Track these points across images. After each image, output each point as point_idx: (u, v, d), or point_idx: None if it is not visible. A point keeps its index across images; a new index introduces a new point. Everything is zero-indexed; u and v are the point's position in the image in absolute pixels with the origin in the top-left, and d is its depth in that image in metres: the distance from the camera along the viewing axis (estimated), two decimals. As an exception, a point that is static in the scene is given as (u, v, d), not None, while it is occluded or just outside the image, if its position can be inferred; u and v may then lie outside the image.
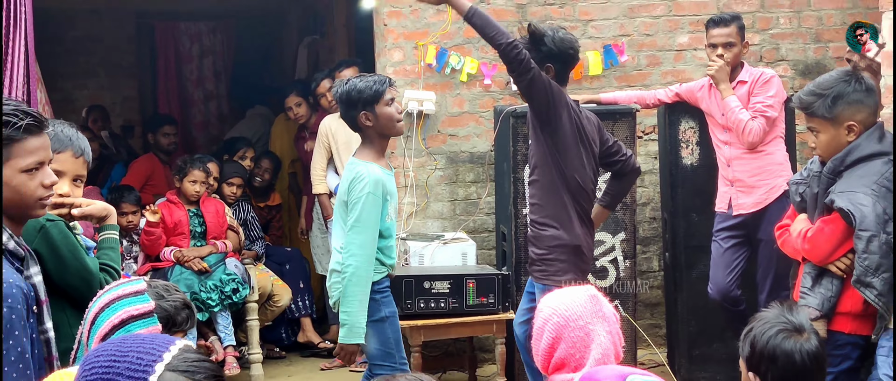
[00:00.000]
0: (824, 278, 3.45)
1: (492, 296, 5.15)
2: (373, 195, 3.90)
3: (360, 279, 3.89)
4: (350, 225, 3.93)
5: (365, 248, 3.90)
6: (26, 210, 2.49)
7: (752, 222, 5.06)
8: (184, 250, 5.96)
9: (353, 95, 4.00)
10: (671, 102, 5.43)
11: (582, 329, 2.48)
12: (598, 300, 2.54)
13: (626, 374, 2.16)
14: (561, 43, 4.17)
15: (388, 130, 4.06)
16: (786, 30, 6.22)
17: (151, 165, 7.13)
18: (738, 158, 5.06)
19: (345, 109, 4.04)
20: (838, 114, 3.42)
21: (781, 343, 2.47)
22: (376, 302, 4.02)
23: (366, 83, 4.02)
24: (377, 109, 4.00)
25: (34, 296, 2.45)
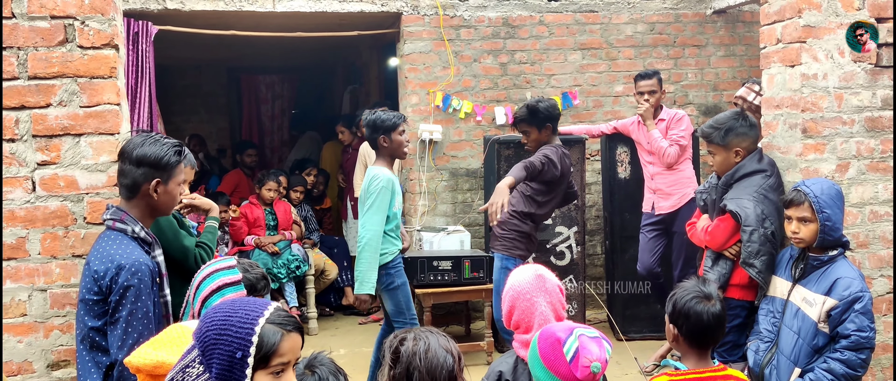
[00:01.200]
0: (721, 260, 3.44)
1: (481, 272, 5.16)
2: (385, 189, 3.93)
3: (370, 246, 3.91)
4: (367, 208, 3.96)
5: (376, 225, 3.92)
6: (168, 210, 2.55)
7: (669, 220, 5.05)
8: (261, 238, 5.96)
9: (378, 122, 4.04)
10: (611, 132, 5.43)
11: (528, 300, 2.48)
12: (543, 278, 2.52)
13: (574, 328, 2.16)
14: (550, 109, 4.22)
15: (397, 153, 4.10)
16: (693, 82, 6.20)
17: (238, 177, 7.14)
18: (659, 173, 5.06)
19: (369, 131, 4.06)
20: (729, 142, 3.42)
21: (695, 306, 2.48)
22: (391, 275, 4.05)
23: (387, 116, 4.05)
24: (393, 136, 4.03)
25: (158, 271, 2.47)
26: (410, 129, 5.83)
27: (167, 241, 2.77)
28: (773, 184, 3.36)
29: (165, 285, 2.50)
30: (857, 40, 3.26)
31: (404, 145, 4.09)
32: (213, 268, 2.33)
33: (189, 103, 9.61)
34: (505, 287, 2.57)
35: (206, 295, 2.27)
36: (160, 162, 2.48)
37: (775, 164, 3.46)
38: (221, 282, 2.28)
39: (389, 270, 4.04)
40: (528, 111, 4.21)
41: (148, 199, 2.49)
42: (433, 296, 5.12)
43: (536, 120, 4.21)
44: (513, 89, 5.98)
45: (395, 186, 4.04)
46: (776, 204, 3.28)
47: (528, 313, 2.47)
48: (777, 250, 3.30)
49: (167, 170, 2.50)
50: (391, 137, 4.05)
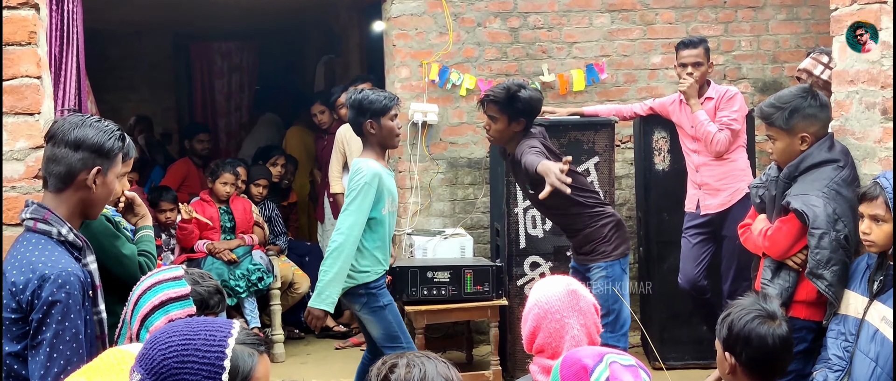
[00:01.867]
0: (782, 271, 3.44)
1: (487, 285, 5.15)
2: (368, 185, 3.93)
3: (340, 255, 3.90)
4: (344, 207, 3.96)
5: (353, 229, 3.92)
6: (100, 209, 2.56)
7: (717, 221, 5.06)
8: (215, 243, 5.96)
9: (365, 104, 4.03)
10: (645, 114, 5.43)
11: (558, 322, 2.47)
12: (577, 295, 2.52)
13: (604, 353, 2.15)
14: (532, 102, 4.10)
15: (387, 142, 4.09)
16: (747, 51, 6.21)
17: (187, 168, 7.13)
18: (706, 164, 5.06)
19: (354, 114, 4.05)
20: (794, 125, 3.42)
21: (757, 328, 2.48)
22: (375, 295, 4.06)
23: (377, 96, 4.04)
24: (382, 121, 4.03)
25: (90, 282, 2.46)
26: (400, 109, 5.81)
27: (101, 247, 2.76)
28: (846, 177, 3.36)
29: (100, 300, 2.49)
30: (857, 40, 3.33)
31: (397, 132, 4.09)
32: (154, 280, 2.31)
33: (127, 77, 9.59)
34: (528, 303, 2.56)
35: (147, 312, 2.26)
36: (103, 147, 2.49)
37: (849, 152, 3.46)
38: (165, 296, 2.28)
39: (371, 289, 4.05)
40: (505, 94, 4.08)
41: (83, 192, 2.48)
42: (427, 315, 5.12)
43: (510, 109, 4.08)
44: (525, 60, 5.98)
45: (385, 183, 4.03)
46: (850, 202, 3.28)
47: (557, 336, 2.46)
48: (851, 258, 3.30)
49: (110, 158, 2.51)
50: (381, 123, 4.04)
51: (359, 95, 4.07)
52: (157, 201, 6.00)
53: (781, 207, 3.45)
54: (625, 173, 6.10)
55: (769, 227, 3.50)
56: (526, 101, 4.09)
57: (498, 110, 4.12)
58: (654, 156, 5.48)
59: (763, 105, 3.51)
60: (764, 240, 3.48)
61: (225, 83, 9.97)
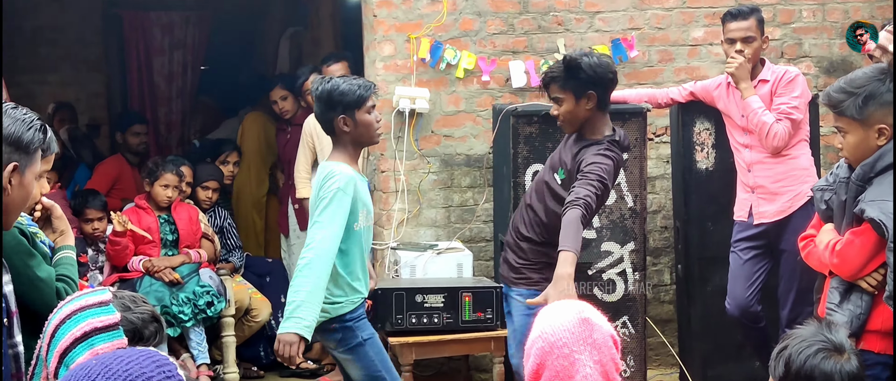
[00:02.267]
0: (853, 294, 3.44)
1: (490, 311, 5.13)
2: (343, 192, 3.93)
3: (312, 271, 3.89)
4: (315, 220, 3.96)
5: (326, 242, 3.91)
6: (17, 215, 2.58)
7: (774, 232, 5.06)
8: (154, 260, 5.94)
9: (335, 96, 4.02)
10: (685, 101, 5.43)
11: (566, 358, 2.45)
12: (591, 325, 2.50)
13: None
14: (598, 68, 4.21)
15: (364, 139, 4.10)
16: (809, 24, 6.22)
17: (119, 167, 7.11)
18: (760, 162, 5.06)
19: (323, 108, 4.05)
20: (869, 115, 3.41)
21: (820, 364, 2.47)
22: (351, 329, 4.06)
23: (350, 86, 4.04)
24: (357, 115, 4.03)
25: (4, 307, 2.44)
26: (382, 95, 5.81)
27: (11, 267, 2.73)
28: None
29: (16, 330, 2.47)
30: (857, 40, 3.36)
31: (375, 127, 4.09)
32: (75, 305, 2.29)
33: (44, 56, 9.56)
34: (531, 334, 2.55)
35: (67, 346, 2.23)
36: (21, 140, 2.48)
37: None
38: (89, 326, 2.25)
39: (346, 322, 4.04)
40: (564, 67, 4.22)
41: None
42: (416, 349, 5.11)
43: (575, 81, 4.20)
44: (537, 34, 5.98)
45: (359, 193, 4.03)
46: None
47: (566, 375, 2.44)
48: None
49: (28, 153, 2.51)
50: (356, 118, 4.04)
51: (326, 84, 4.06)
52: (82, 207, 5.97)
53: (854, 215, 3.44)
54: (659, 174, 6.09)
55: (838, 240, 3.49)
56: (592, 68, 4.19)
57: (560, 89, 4.24)
58: (695, 152, 5.48)
59: (830, 90, 3.51)
60: (831, 255, 3.47)
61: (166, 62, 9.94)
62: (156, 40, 9.96)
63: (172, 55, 9.99)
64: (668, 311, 6.14)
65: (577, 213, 3.90)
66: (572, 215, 3.91)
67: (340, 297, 4.04)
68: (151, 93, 9.87)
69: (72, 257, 3.01)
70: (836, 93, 3.48)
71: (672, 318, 6.06)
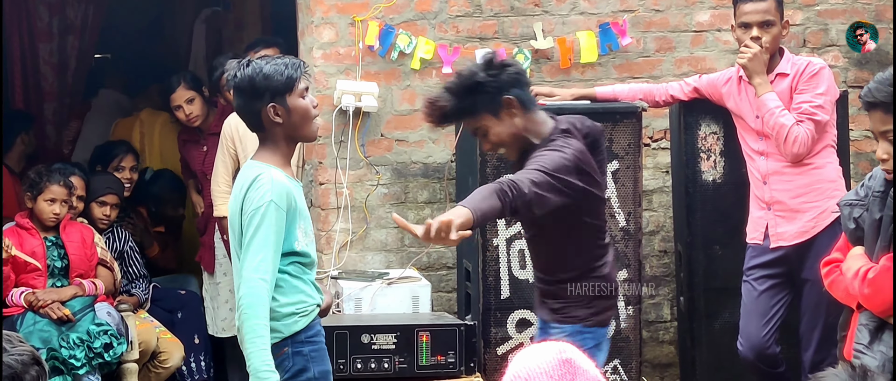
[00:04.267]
0: (885, 333, 3.48)
1: (452, 354, 5.15)
2: (275, 205, 3.90)
3: (256, 312, 3.88)
4: (245, 243, 3.94)
5: (262, 270, 3.90)
6: None
7: (795, 257, 5.10)
8: (38, 293, 5.90)
9: (258, 81, 3.99)
10: (688, 98, 5.47)
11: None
12: (573, 368, 2.51)
13: None
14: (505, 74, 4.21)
15: (300, 131, 4.07)
16: (837, 6, 6.27)
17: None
18: (778, 173, 5.11)
19: (245, 99, 4.00)
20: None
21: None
22: (302, 355, 4.03)
23: (275, 67, 4.02)
24: (289, 101, 4.01)
25: None
26: (321, 91, 5.82)
27: None
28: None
29: None
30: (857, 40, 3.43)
31: (312, 114, 4.07)
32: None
33: None
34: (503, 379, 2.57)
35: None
36: None
37: None
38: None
39: (298, 347, 4.04)
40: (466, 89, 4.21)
41: None
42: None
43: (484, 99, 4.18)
44: (509, 17, 6.01)
45: (296, 201, 4.04)
46: None
47: None
48: None
49: None
50: (288, 104, 4.03)
51: (246, 69, 4.04)
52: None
53: (890, 237, 3.48)
54: (658, 187, 6.14)
55: (870, 266, 3.53)
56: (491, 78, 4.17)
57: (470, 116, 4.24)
58: (700, 161, 5.53)
59: (875, 84, 3.54)
60: (862, 285, 3.51)
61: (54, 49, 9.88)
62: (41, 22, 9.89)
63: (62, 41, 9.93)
64: (667, 353, 6.17)
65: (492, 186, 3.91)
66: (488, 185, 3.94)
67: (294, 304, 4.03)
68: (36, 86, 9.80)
69: None
70: (876, 89, 3.52)
71: (673, 361, 6.09)
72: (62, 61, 9.89)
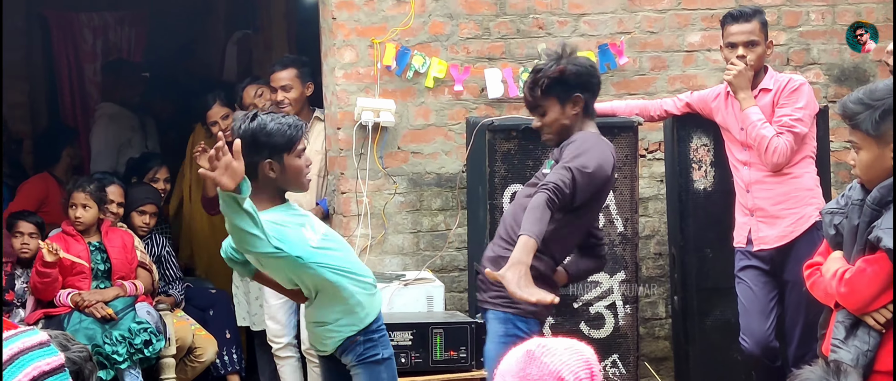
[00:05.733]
0: (860, 329, 3.48)
1: (464, 349, 5.16)
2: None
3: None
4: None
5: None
6: None
7: (777, 260, 5.10)
8: (84, 294, 5.92)
9: (261, 138, 4.01)
10: (680, 113, 5.48)
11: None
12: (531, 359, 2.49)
13: None
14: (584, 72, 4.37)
15: (292, 185, 4.13)
16: (818, 27, 6.27)
17: (46, 187, 7.10)
18: (759, 182, 5.11)
19: (246, 151, 3.87)
20: (885, 132, 3.47)
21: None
22: (374, 342, 4.17)
23: (278, 125, 4.03)
24: (286, 160, 4.04)
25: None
26: (343, 107, 5.84)
27: None
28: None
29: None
30: (857, 41, 3.44)
31: (304, 173, 4.12)
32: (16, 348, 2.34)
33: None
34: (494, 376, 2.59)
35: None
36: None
37: (955, 168, 3.52)
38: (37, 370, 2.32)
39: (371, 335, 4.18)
40: (552, 74, 4.31)
41: None
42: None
43: (560, 87, 4.28)
44: (515, 39, 6.02)
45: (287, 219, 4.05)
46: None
47: None
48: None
49: None
50: (284, 162, 4.05)
51: (251, 123, 4.04)
52: (12, 222, 6.04)
53: (867, 242, 3.49)
54: (653, 194, 6.14)
55: (849, 268, 3.54)
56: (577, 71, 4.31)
57: (544, 96, 4.33)
58: (692, 171, 5.53)
59: (848, 100, 3.57)
60: (839, 284, 3.52)
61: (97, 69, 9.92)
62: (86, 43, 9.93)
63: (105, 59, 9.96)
64: (663, 348, 6.17)
65: (542, 197, 4.02)
66: (538, 198, 4.04)
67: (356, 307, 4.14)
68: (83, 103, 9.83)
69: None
70: (852, 104, 3.54)
71: (668, 356, 6.08)
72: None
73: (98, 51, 9.88)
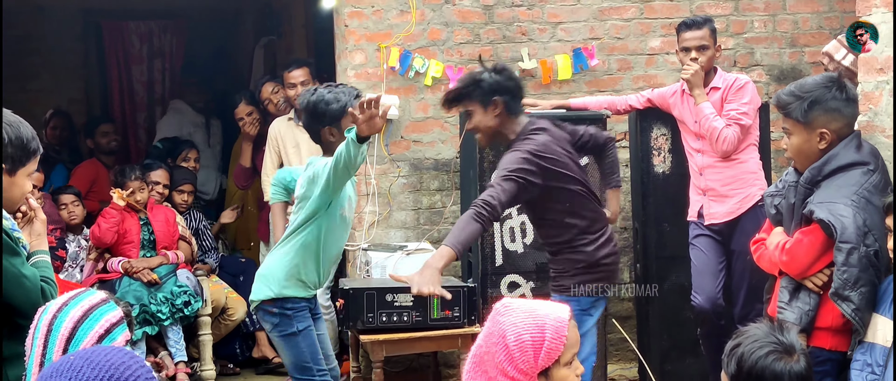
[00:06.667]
0: (802, 292, 3.47)
1: (457, 309, 5.15)
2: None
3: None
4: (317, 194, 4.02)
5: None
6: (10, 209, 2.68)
7: (725, 233, 5.08)
8: (133, 261, 5.91)
9: (321, 107, 4.08)
10: (642, 107, 5.45)
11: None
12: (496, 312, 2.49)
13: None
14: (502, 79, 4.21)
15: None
16: (760, 34, 6.27)
17: (95, 170, 7.07)
18: (711, 166, 5.09)
19: (309, 120, 4.14)
20: (813, 119, 3.47)
21: (771, 365, 2.48)
22: (289, 318, 4.17)
23: (334, 95, 4.10)
24: (343, 125, 4.06)
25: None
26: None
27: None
28: (877, 182, 3.40)
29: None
30: (857, 40, 3.41)
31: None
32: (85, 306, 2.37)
33: (24, 63, 9.45)
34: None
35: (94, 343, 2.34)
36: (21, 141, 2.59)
37: (879, 154, 3.50)
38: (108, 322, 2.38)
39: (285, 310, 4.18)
40: (469, 82, 4.23)
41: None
42: (386, 346, 5.10)
43: (479, 93, 4.18)
44: (502, 44, 5.99)
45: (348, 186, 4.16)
46: (881, 212, 3.31)
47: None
48: (880, 278, 3.33)
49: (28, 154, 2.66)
50: (340, 127, 4.10)
51: (312, 96, 4.13)
52: (55, 195, 6.06)
53: (802, 216, 3.48)
54: (619, 177, 6.12)
55: (788, 240, 3.52)
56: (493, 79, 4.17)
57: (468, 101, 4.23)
58: (652, 156, 5.51)
59: (782, 92, 3.57)
60: (781, 254, 3.50)
61: (144, 70, 9.88)
62: (134, 48, 9.90)
63: (151, 63, 9.93)
64: (627, 308, 6.17)
65: (469, 212, 3.91)
66: (467, 213, 3.94)
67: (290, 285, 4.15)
68: (131, 99, 9.80)
69: (47, 260, 3.03)
70: (785, 95, 3.54)
71: (631, 314, 6.08)
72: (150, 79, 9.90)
73: (144, 54, 9.85)
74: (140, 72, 9.83)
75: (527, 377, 2.39)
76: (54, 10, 9.47)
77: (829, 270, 3.39)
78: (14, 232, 2.91)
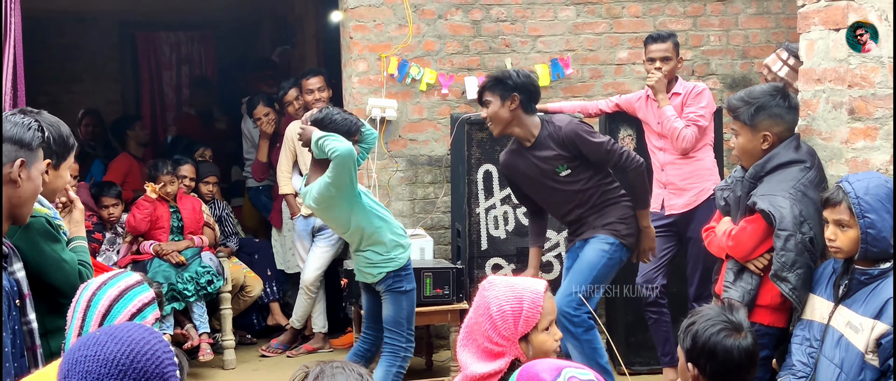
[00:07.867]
0: (745, 274, 3.50)
1: (447, 288, 5.17)
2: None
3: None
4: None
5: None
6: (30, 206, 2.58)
7: (682, 222, 5.10)
8: (162, 244, 5.92)
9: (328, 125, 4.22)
10: (611, 111, 5.47)
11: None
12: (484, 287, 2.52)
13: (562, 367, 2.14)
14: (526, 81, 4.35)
15: None
16: (715, 47, 6.28)
17: (128, 163, 7.06)
18: (671, 163, 5.11)
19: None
20: (758, 123, 3.49)
21: (722, 340, 2.50)
22: (401, 278, 4.38)
23: (342, 117, 4.32)
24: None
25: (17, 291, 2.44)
26: (357, 105, 5.82)
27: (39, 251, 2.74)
28: (813, 179, 3.43)
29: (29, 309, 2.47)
30: (857, 40, 3.42)
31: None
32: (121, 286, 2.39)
33: (69, 69, 9.46)
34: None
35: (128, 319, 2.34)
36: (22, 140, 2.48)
37: (815, 153, 3.53)
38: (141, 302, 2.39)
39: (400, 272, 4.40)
40: (496, 76, 4.35)
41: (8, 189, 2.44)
42: (385, 319, 5.11)
43: (501, 87, 4.28)
44: (488, 54, 6.00)
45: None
46: (816, 204, 3.35)
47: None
48: (816, 262, 3.37)
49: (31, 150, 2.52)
50: None
51: (321, 115, 4.19)
52: (99, 196, 5.99)
53: (747, 207, 3.51)
54: (590, 172, 6.14)
55: (733, 227, 3.55)
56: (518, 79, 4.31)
57: (490, 93, 4.32)
58: (620, 154, 5.52)
59: (732, 97, 3.60)
60: (728, 239, 3.53)
61: (173, 75, 9.89)
62: (165, 56, 9.92)
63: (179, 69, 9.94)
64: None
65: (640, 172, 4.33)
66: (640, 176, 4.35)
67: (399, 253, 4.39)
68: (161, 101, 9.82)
69: (85, 245, 3.03)
70: (735, 101, 3.57)
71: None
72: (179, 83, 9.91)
73: (173, 62, 9.87)
74: (169, 77, 9.86)
75: (509, 343, 2.42)
76: (95, 22, 9.48)
77: (770, 254, 3.42)
78: (55, 220, 2.93)
